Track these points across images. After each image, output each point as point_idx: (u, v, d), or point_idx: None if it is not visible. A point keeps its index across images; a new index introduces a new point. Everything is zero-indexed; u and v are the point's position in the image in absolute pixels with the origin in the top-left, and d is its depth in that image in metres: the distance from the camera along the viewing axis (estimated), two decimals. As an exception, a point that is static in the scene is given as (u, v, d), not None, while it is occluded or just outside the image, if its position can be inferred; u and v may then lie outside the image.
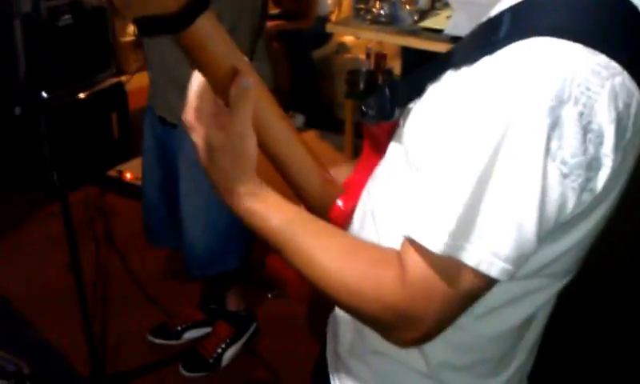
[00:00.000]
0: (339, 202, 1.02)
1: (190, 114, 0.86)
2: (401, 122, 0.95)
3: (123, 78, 3.57)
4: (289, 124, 0.97)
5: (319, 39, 4.88)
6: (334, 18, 5.57)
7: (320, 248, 0.89)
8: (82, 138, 3.22)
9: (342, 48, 5.22)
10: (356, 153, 3.42)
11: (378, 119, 0.99)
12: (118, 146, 3.52)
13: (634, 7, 0.83)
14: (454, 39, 1.63)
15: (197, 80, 0.85)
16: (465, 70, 0.83)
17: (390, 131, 0.99)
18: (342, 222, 1.01)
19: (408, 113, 0.92)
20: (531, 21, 0.80)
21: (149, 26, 0.75)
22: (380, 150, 1.00)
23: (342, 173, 1.12)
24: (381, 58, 4.30)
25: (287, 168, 0.99)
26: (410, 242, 0.80)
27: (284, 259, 0.90)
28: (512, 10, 0.84)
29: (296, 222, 0.89)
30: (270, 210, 0.88)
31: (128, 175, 3.37)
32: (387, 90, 0.95)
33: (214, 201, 1.01)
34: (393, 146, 0.96)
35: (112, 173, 3.41)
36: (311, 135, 4.84)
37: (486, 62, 0.79)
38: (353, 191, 1.04)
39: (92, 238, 2.64)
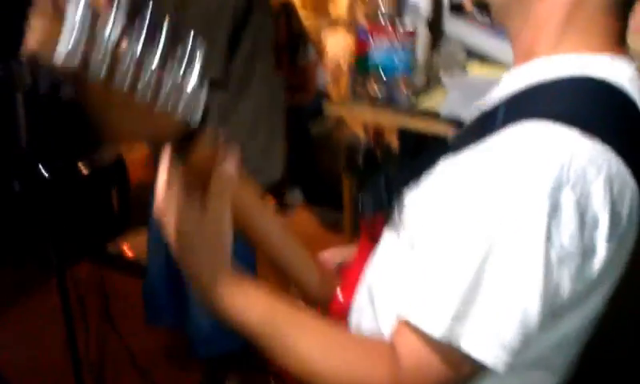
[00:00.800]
0: (339, 295, 1.02)
1: (160, 203, 0.84)
2: (397, 211, 0.95)
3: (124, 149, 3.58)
4: (282, 226, 0.98)
5: (317, 113, 4.93)
6: (330, 89, 5.62)
7: (306, 341, 0.87)
8: (81, 212, 3.21)
9: (340, 123, 5.26)
10: (355, 230, 3.42)
11: (375, 210, 0.99)
12: (118, 221, 3.52)
13: (630, 99, 0.84)
14: (450, 120, 1.65)
15: (165, 167, 0.83)
16: (463, 158, 0.83)
17: (386, 220, 1.00)
18: (342, 313, 1.01)
19: (404, 201, 0.93)
20: (527, 106, 0.82)
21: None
22: (377, 240, 1.01)
23: (338, 255, 1.13)
24: (379, 133, 4.33)
25: (285, 269, 0.99)
26: (407, 326, 0.79)
27: (267, 354, 0.87)
28: (507, 100, 0.85)
29: (278, 316, 0.87)
30: (250, 305, 0.86)
31: (128, 252, 3.36)
32: (382, 181, 0.96)
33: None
34: (389, 233, 0.96)
35: (111, 248, 3.39)
36: (309, 212, 4.84)
37: (484, 147, 0.80)
38: (351, 283, 1.04)
39: (89, 314, 2.63)
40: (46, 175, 2.02)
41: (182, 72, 0.68)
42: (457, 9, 2.24)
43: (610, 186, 0.78)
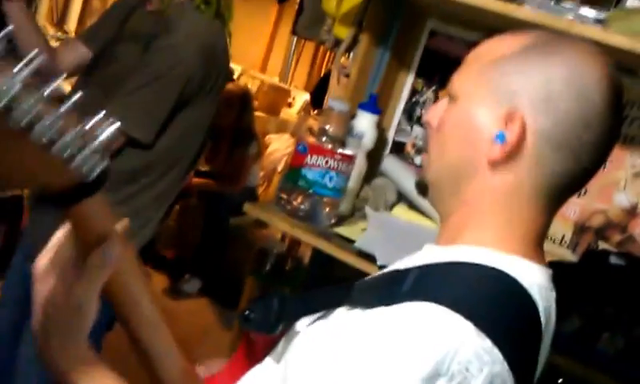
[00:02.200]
0: None
1: (43, 261, 0.82)
2: (283, 339, 0.94)
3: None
4: (156, 307, 0.95)
5: (240, 208, 4.91)
6: (261, 190, 5.63)
7: None
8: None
9: (260, 223, 5.25)
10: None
11: (259, 329, 0.97)
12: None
13: (534, 306, 0.86)
14: (362, 254, 1.65)
15: (63, 232, 0.82)
16: (359, 312, 0.84)
17: (269, 344, 0.98)
18: None
19: (292, 331, 0.92)
20: (434, 285, 0.84)
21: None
22: (253, 358, 0.98)
23: (213, 367, 1.09)
24: (295, 243, 4.32)
25: (146, 352, 0.95)
26: None
27: None
28: (420, 269, 0.87)
29: None
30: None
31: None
32: (275, 303, 0.94)
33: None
34: (270, 361, 0.94)
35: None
36: (203, 303, 4.74)
37: (381, 311, 0.81)
38: None
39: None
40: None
41: (88, 128, 0.66)
42: (398, 149, 2.28)
43: None
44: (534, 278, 0.90)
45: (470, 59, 1.00)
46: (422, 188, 1.03)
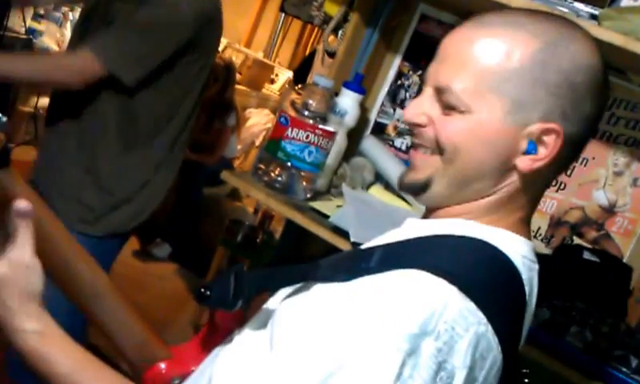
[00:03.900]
0: (161, 365, 0.99)
1: None
2: (255, 316, 0.94)
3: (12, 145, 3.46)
4: (102, 280, 0.96)
5: (215, 178, 4.90)
6: (237, 163, 5.61)
7: None
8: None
9: (234, 194, 5.23)
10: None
11: (217, 306, 0.96)
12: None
13: (518, 274, 0.88)
14: (336, 229, 1.64)
15: None
16: (335, 286, 0.83)
17: (234, 319, 0.97)
18: (158, 381, 0.97)
19: (266, 309, 0.92)
20: (408, 255, 0.85)
21: None
22: (217, 334, 0.98)
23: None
24: (267, 217, 4.32)
25: (98, 323, 0.96)
26: None
27: None
28: (386, 246, 0.88)
29: (84, 371, 0.84)
30: (57, 355, 0.83)
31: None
32: (232, 279, 0.92)
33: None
34: (239, 339, 0.94)
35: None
36: (172, 268, 4.72)
37: (366, 279, 0.81)
38: (180, 361, 0.99)
39: None
40: None
41: None
42: (380, 130, 2.27)
43: (475, 348, 0.78)
44: (518, 249, 0.91)
45: (464, 58, 0.94)
46: (417, 188, 0.97)
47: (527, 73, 0.91)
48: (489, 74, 0.92)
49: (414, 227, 0.96)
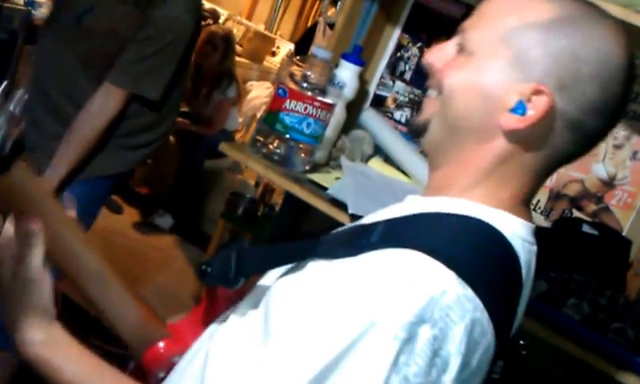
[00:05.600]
0: (160, 344, 0.98)
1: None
2: (250, 294, 0.94)
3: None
4: (101, 260, 0.97)
5: (216, 151, 4.88)
6: (239, 136, 5.59)
7: None
8: None
9: (236, 167, 5.22)
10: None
11: (218, 283, 0.96)
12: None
13: (516, 257, 0.88)
14: (334, 201, 1.64)
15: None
16: (334, 263, 0.82)
17: (232, 296, 0.97)
18: (157, 364, 0.97)
19: (261, 286, 0.92)
20: (408, 233, 0.84)
21: None
22: (216, 310, 0.98)
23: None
24: (268, 190, 4.31)
25: (97, 305, 0.97)
26: None
27: None
28: (387, 222, 0.87)
29: (90, 377, 0.87)
30: (63, 362, 0.86)
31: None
32: (234, 257, 0.92)
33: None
34: (234, 317, 0.93)
35: None
36: (173, 240, 4.73)
37: (363, 258, 0.80)
38: (178, 338, 0.99)
39: None
40: None
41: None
42: (379, 102, 2.26)
43: (469, 334, 0.78)
44: (517, 231, 0.91)
45: (490, 13, 0.96)
46: (417, 130, 1.00)
47: (539, 34, 0.91)
48: (503, 25, 0.94)
49: (416, 203, 0.95)
